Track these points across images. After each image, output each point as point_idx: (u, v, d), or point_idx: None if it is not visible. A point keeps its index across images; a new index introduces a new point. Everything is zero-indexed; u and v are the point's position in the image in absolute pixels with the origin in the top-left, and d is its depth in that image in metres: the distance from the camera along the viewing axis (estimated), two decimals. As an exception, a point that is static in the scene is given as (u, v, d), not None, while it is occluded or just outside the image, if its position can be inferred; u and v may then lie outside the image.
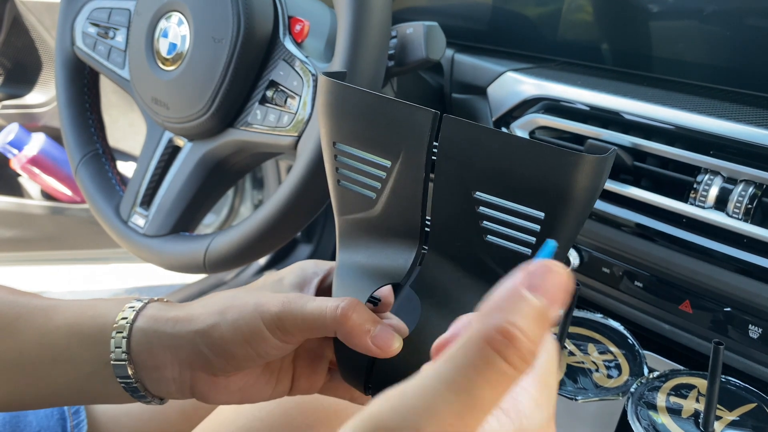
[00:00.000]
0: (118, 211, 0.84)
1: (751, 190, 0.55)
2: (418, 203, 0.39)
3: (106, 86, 0.96)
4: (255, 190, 1.60)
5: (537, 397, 0.27)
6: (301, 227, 0.71)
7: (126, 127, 1.37)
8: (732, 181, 0.56)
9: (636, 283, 0.65)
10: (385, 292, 0.43)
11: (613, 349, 0.63)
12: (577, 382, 0.58)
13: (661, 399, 0.55)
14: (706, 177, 0.57)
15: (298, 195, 0.66)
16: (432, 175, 0.37)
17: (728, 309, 0.59)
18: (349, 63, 0.62)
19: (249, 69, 0.69)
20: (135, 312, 0.41)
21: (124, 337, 0.40)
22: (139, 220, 0.81)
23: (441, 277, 0.39)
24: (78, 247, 1.56)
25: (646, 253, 0.62)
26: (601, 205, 0.65)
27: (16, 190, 1.49)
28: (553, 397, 0.28)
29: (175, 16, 0.73)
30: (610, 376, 0.59)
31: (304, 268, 0.45)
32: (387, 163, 0.39)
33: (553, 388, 0.29)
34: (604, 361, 0.61)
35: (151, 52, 0.76)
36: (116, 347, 0.40)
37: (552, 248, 0.26)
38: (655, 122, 0.61)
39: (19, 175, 1.46)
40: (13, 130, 1.37)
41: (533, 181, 0.34)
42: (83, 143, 0.87)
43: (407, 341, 0.39)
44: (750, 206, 0.55)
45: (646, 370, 0.59)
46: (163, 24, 0.74)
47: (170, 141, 0.80)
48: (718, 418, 0.53)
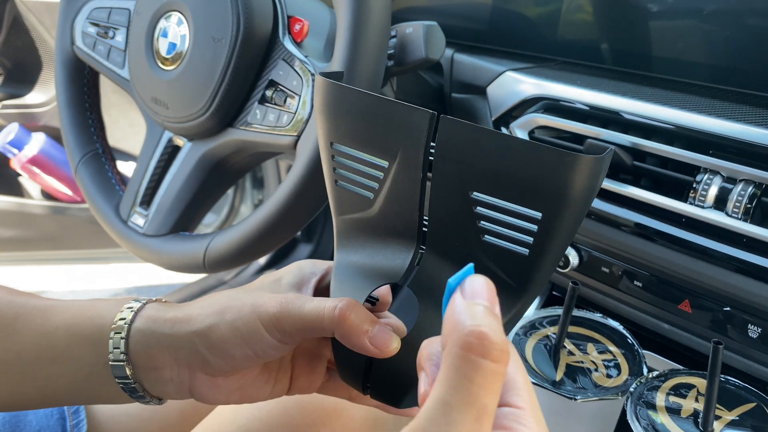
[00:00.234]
0: (117, 211, 0.84)
1: (750, 189, 0.55)
2: (415, 203, 0.39)
3: (106, 86, 0.96)
4: (255, 189, 1.60)
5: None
6: (301, 227, 0.71)
7: (126, 127, 1.37)
8: (731, 180, 0.56)
9: (635, 282, 0.65)
10: (383, 291, 0.43)
11: (613, 348, 0.63)
12: (576, 382, 0.58)
13: (660, 398, 0.55)
14: (706, 176, 0.57)
15: (298, 194, 0.66)
16: (429, 176, 0.37)
17: (727, 308, 0.59)
18: (348, 62, 0.62)
19: (248, 68, 0.69)
20: (133, 312, 0.41)
21: (122, 338, 0.40)
22: (138, 220, 0.81)
23: (439, 277, 0.39)
24: (78, 247, 1.56)
25: (646, 253, 0.62)
26: (600, 204, 0.65)
27: (17, 190, 1.49)
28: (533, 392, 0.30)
29: (175, 16, 0.73)
30: (609, 376, 0.59)
31: (302, 268, 0.45)
32: (384, 163, 0.38)
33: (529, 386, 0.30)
34: (604, 360, 0.61)
35: (150, 52, 0.76)
36: (114, 348, 0.40)
37: (469, 269, 0.28)
38: (655, 122, 0.61)
39: (19, 175, 1.46)
40: (13, 129, 1.37)
41: (530, 181, 0.34)
42: (83, 143, 0.87)
43: (405, 341, 0.39)
44: (749, 206, 0.55)
45: (645, 370, 0.59)
46: (162, 24, 0.74)
47: (170, 141, 0.80)
48: (718, 418, 0.53)
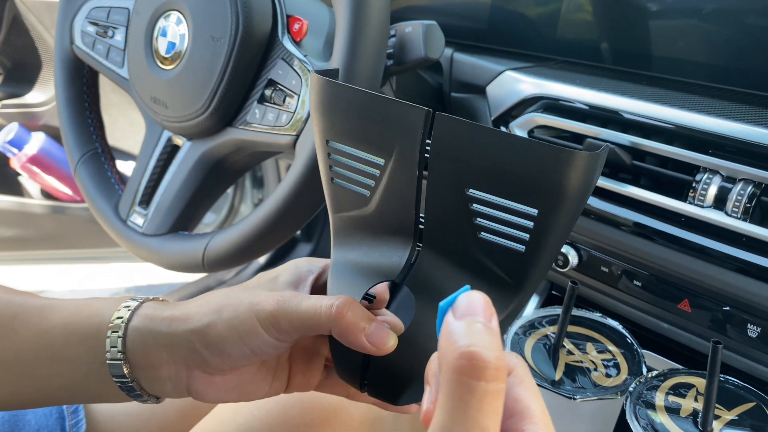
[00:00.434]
0: (117, 210, 0.84)
1: (749, 189, 0.55)
2: (411, 201, 0.39)
3: (106, 85, 0.96)
4: (255, 189, 1.60)
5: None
6: (300, 226, 0.71)
7: (126, 127, 1.37)
8: (731, 180, 0.56)
9: (635, 282, 0.65)
10: (380, 289, 0.43)
11: (612, 348, 0.62)
12: (575, 381, 0.58)
13: (659, 398, 0.55)
14: (705, 176, 0.57)
15: (297, 194, 0.66)
16: (425, 173, 0.37)
17: (727, 308, 0.58)
18: (347, 62, 0.62)
19: (248, 68, 0.69)
20: (130, 311, 0.41)
21: (119, 337, 0.40)
22: (138, 219, 0.81)
23: (435, 275, 0.39)
24: (78, 246, 1.56)
25: (645, 252, 0.62)
26: (600, 204, 0.65)
27: (16, 190, 1.49)
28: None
29: (174, 15, 0.73)
30: (608, 375, 0.59)
31: (299, 266, 0.45)
32: (380, 161, 0.38)
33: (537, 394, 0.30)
34: (603, 360, 0.61)
35: (150, 51, 0.76)
36: (112, 346, 0.40)
37: (464, 290, 0.28)
38: (654, 121, 0.61)
39: (19, 174, 1.46)
40: (13, 129, 1.37)
41: (526, 177, 0.34)
42: (82, 142, 0.87)
43: (402, 338, 0.39)
44: (749, 205, 0.55)
45: (644, 369, 0.59)
46: (161, 23, 0.74)
47: (169, 140, 0.80)
48: (717, 417, 0.53)
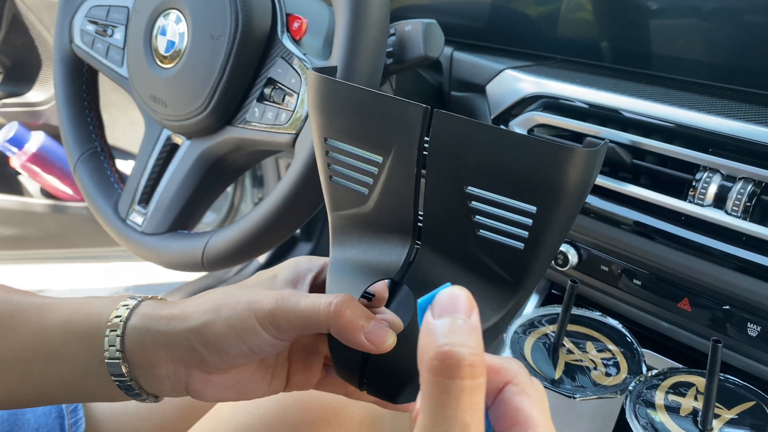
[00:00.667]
0: (116, 209, 0.84)
1: (749, 187, 0.55)
2: (410, 199, 0.38)
3: (106, 85, 0.96)
4: (255, 188, 1.60)
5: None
6: (300, 225, 0.71)
7: (126, 126, 1.37)
8: (731, 178, 0.56)
9: (634, 281, 0.65)
10: (380, 288, 0.43)
11: (612, 347, 0.62)
12: (575, 381, 0.58)
13: (659, 397, 0.55)
14: (705, 174, 0.57)
15: (296, 192, 0.66)
16: (424, 171, 0.37)
17: (727, 307, 0.58)
18: (346, 60, 0.62)
19: (247, 66, 0.69)
20: (129, 310, 0.41)
21: (118, 335, 0.40)
22: (137, 218, 0.81)
23: (434, 272, 0.39)
24: (78, 246, 1.56)
25: (645, 251, 0.62)
26: (599, 202, 0.65)
27: (16, 189, 1.49)
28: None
29: (173, 14, 0.73)
30: (608, 374, 0.59)
31: (298, 264, 0.45)
32: (378, 158, 0.38)
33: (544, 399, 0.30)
34: (603, 359, 0.61)
35: (149, 50, 0.76)
36: (110, 345, 0.40)
37: (445, 287, 0.27)
38: (654, 120, 0.61)
39: (18, 174, 1.46)
40: (12, 128, 1.37)
41: (524, 174, 0.33)
42: (82, 141, 0.87)
43: (401, 336, 0.39)
44: (749, 204, 0.55)
45: (644, 368, 0.59)
46: (161, 21, 0.74)
47: (168, 139, 0.80)
48: (717, 416, 0.53)
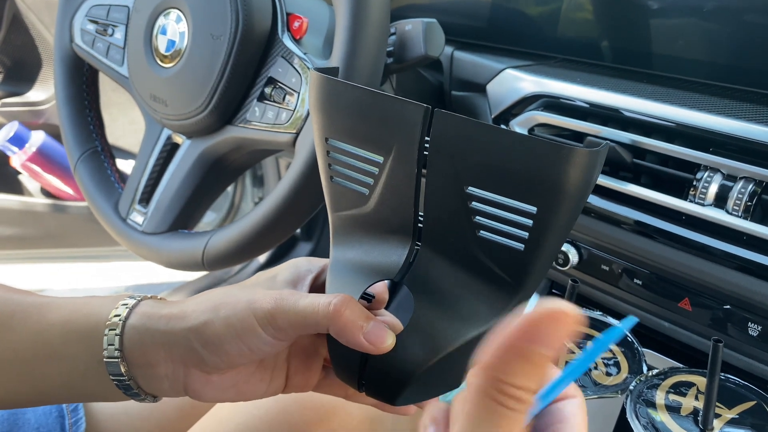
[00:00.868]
0: (116, 209, 0.84)
1: (750, 187, 0.55)
2: (410, 199, 0.38)
3: (106, 84, 0.96)
4: (255, 187, 1.60)
5: None
6: (300, 224, 0.71)
7: (126, 125, 1.37)
8: (731, 178, 0.56)
9: (635, 280, 0.64)
10: (380, 289, 0.43)
11: (612, 346, 0.62)
12: (575, 380, 0.58)
13: (660, 397, 0.55)
14: (706, 174, 0.57)
15: (297, 192, 0.66)
16: (424, 171, 0.37)
17: (727, 306, 0.58)
18: (347, 59, 0.62)
19: (247, 66, 0.69)
20: (128, 309, 0.41)
21: (117, 335, 0.40)
22: (137, 218, 0.81)
23: (434, 273, 0.39)
24: (78, 245, 1.56)
25: (646, 251, 0.62)
26: (600, 202, 0.65)
27: (17, 188, 1.49)
28: None
29: (174, 13, 0.73)
30: (609, 374, 0.59)
31: (298, 265, 0.44)
32: (379, 158, 0.38)
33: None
34: (603, 358, 0.61)
35: (149, 49, 0.76)
36: (109, 345, 0.40)
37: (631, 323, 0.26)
38: (655, 119, 0.61)
39: (19, 173, 1.46)
40: (13, 127, 1.37)
41: (525, 175, 0.33)
42: (82, 140, 0.87)
43: (400, 337, 0.38)
44: (750, 203, 0.55)
45: (645, 368, 0.59)
46: (161, 21, 0.74)
47: (169, 138, 0.80)
48: (718, 416, 0.53)
